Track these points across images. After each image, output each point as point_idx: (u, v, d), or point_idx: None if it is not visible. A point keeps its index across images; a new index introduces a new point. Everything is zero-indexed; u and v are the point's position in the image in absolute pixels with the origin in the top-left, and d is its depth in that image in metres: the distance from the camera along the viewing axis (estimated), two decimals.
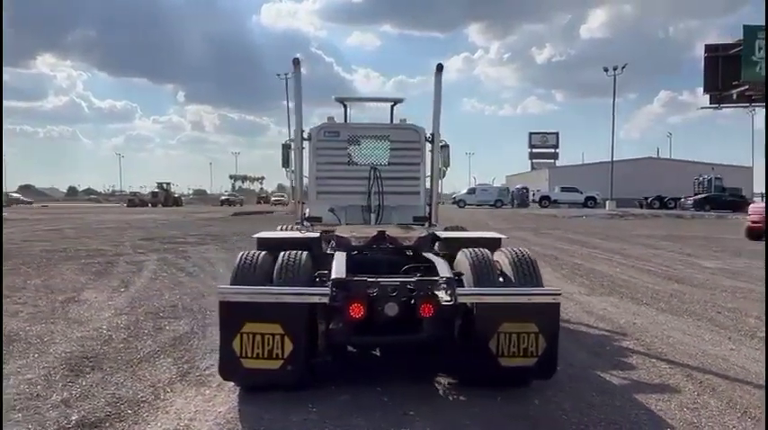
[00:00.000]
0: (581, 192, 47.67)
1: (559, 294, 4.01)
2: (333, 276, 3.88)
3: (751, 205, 21.28)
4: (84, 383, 4.51)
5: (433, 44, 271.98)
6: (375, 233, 5.74)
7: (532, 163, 77.49)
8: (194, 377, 4.68)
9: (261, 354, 3.78)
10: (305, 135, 8.72)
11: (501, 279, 4.27)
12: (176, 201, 63.76)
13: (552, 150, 76.11)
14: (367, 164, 8.60)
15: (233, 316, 3.78)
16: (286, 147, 9.42)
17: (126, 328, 6.34)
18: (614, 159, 48.31)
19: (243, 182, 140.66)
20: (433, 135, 8.73)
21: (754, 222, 19.30)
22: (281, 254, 4.39)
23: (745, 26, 38.34)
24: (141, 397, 4.23)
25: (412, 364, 4.73)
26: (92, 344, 5.65)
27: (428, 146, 8.24)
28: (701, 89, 41.87)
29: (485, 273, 4.16)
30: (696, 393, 4.32)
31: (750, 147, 54.26)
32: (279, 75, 49.89)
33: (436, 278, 4.01)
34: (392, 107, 8.84)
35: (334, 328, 3.91)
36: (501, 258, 4.41)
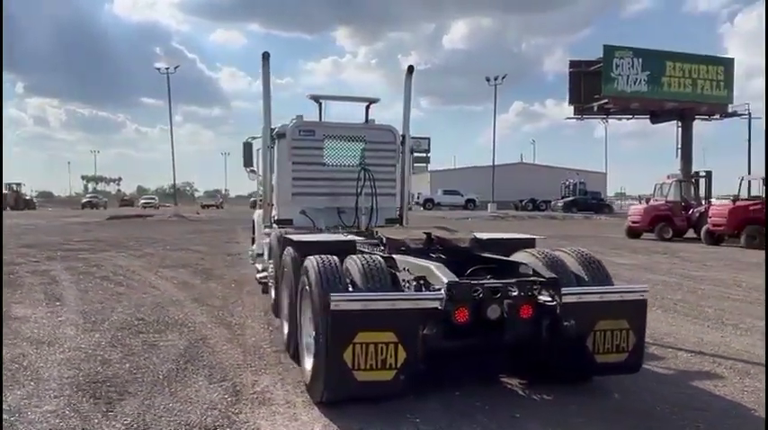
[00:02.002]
0: (462, 195, 49.97)
1: (647, 291, 4.18)
2: (445, 280, 3.70)
3: (631, 207, 23.60)
4: (129, 411, 3.91)
5: (300, 46, 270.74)
6: (421, 235, 5.54)
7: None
8: (250, 395, 4.24)
9: (374, 365, 3.50)
10: (273, 133, 8.31)
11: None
12: (28, 204, 57.19)
13: (425, 155, 78.84)
14: (342, 165, 8.37)
15: (346, 325, 3.47)
16: (248, 146, 8.90)
17: (112, 346, 5.60)
18: (487, 164, 51.36)
19: (97, 183, 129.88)
20: (404, 136, 8.71)
21: (633, 222, 21.43)
22: (356, 258, 4.13)
23: (605, 46, 42.48)
24: (214, 422, 3.76)
25: (477, 365, 4.67)
26: (90, 367, 4.91)
27: None
28: (550, 101, 45.81)
29: (560, 273, 4.20)
30: (739, 378, 4.70)
31: (603, 154, 60.61)
32: (159, 69, 46.70)
33: (535, 278, 3.98)
34: (367, 107, 8.65)
35: (428, 334, 3.74)
36: (566, 258, 4.49)
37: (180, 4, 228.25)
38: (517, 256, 4.70)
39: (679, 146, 42.23)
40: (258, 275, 7.80)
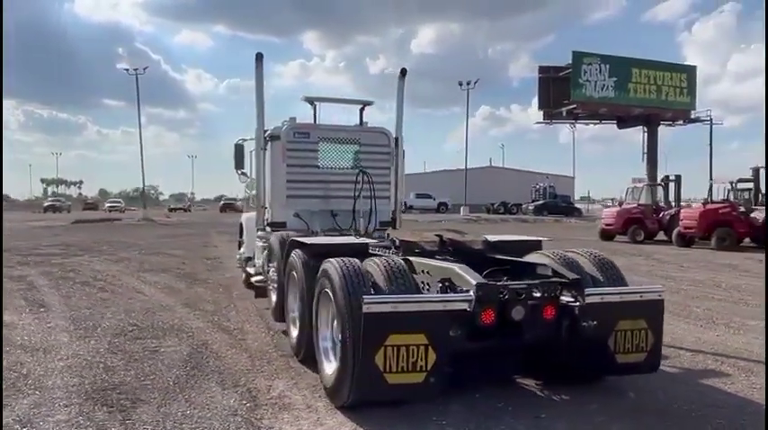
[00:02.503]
0: (434, 199, 50.22)
1: (664, 290, 4.25)
2: (473, 281, 3.69)
3: (604, 210, 24.07)
4: (147, 419, 3.79)
5: (268, 48, 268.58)
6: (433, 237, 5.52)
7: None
8: (268, 400, 4.16)
9: (405, 368, 3.47)
10: (266, 135, 8.20)
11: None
12: None
13: None
14: (337, 167, 8.31)
15: (377, 328, 3.42)
16: (240, 148, 8.77)
17: (111, 353, 5.43)
18: (457, 167, 51.79)
19: (58, 186, 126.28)
20: (397, 139, 8.70)
21: (607, 225, 21.88)
22: (377, 261, 4.09)
23: (573, 52, 43.27)
24: (238, 428, 3.67)
25: (491, 366, 4.67)
26: (94, 374, 4.76)
27: None
28: (515, 106, 46.60)
29: (578, 275, 4.23)
30: (744, 376, 4.82)
31: (566, 158, 62.07)
32: (128, 70, 45.62)
33: (557, 280, 4.01)
34: (361, 110, 8.62)
35: (454, 335, 3.73)
36: (581, 260, 4.54)
37: (143, 4, 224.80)
38: (531, 258, 4.73)
39: (645, 150, 43.31)
40: (253, 279, 7.68)
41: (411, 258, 4.62)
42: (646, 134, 43.78)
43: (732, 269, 12.91)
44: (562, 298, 3.93)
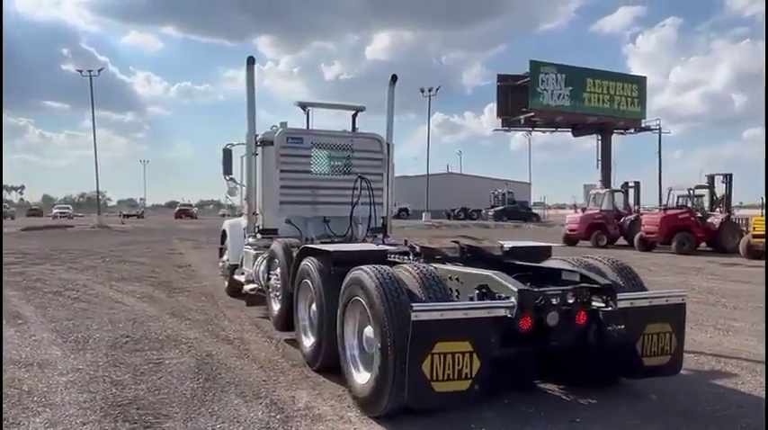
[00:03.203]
0: (395, 205, 50.36)
1: (686, 294, 4.35)
2: (515, 288, 3.70)
3: (567, 216, 24.62)
4: None
5: (220, 52, 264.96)
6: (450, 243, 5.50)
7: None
8: (297, 412, 4.05)
9: (451, 376, 3.44)
10: (258, 140, 8.05)
11: None
12: None
13: None
14: (330, 173, 8.22)
15: (425, 336, 3.39)
16: (228, 153, 8.56)
17: (113, 366, 5.20)
18: (416, 174, 52.14)
19: None
20: (388, 145, 8.68)
21: (571, 230, 22.41)
22: (409, 268, 4.06)
23: (531, 61, 44.30)
24: None
25: (510, 372, 4.68)
26: (103, 389, 4.54)
27: None
28: (469, 113, 47.38)
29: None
30: (751, 375, 4.99)
31: (519, 165, 63.54)
32: (81, 71, 44.00)
33: (588, 285, 4.05)
34: (354, 116, 8.57)
35: (493, 342, 3.72)
36: (600, 265, 4.61)
37: (88, 4, 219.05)
38: (552, 263, 4.78)
39: (599, 158, 44.64)
40: (247, 287, 7.50)
41: (437, 265, 4.59)
42: (600, 142, 45.14)
43: (698, 272, 13.41)
44: (593, 303, 3.98)
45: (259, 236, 7.97)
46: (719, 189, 19.64)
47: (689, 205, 19.62)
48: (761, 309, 7.89)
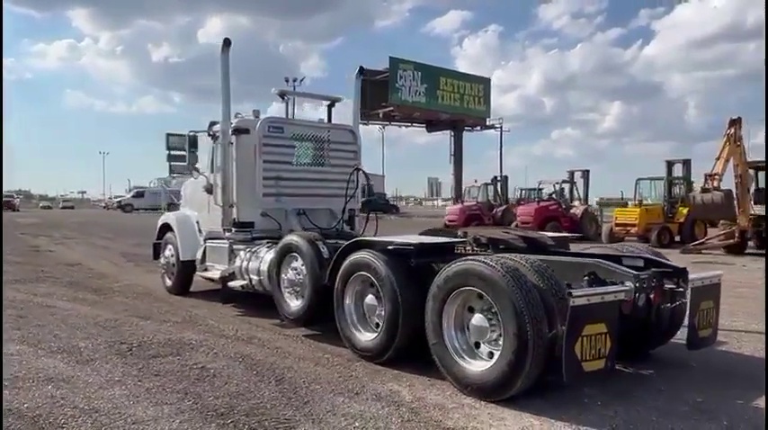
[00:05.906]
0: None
1: (722, 274, 5.05)
2: (632, 273, 4.07)
3: (448, 207, 26.05)
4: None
5: (26, 23, 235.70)
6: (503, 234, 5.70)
7: (170, 166, 74.98)
8: (413, 403, 4.04)
9: (595, 355, 3.72)
10: (231, 128, 7.58)
11: None
12: None
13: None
14: (309, 164, 8.00)
15: (578, 320, 3.62)
16: (194, 140, 7.94)
17: (156, 375, 4.70)
18: None
19: None
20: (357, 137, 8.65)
21: (450, 221, 23.80)
22: (517, 258, 4.25)
23: (390, 57, 45.60)
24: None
25: None
26: (176, 399, 4.12)
27: None
28: (308, 105, 48.15)
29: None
30: (753, 346, 5.86)
31: (374, 158, 65.58)
32: None
33: (663, 270, 4.57)
34: (329, 107, 8.41)
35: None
36: (645, 253, 5.19)
37: None
38: (608, 251, 5.23)
39: (452, 152, 47.58)
40: (237, 284, 7.09)
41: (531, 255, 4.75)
42: (452, 138, 48.09)
43: None
44: (666, 285, 4.52)
45: (234, 229, 7.56)
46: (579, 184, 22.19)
47: (543, 197, 21.89)
48: None
